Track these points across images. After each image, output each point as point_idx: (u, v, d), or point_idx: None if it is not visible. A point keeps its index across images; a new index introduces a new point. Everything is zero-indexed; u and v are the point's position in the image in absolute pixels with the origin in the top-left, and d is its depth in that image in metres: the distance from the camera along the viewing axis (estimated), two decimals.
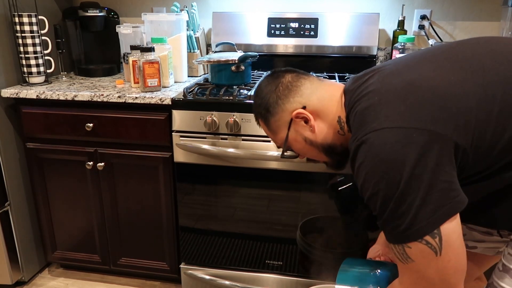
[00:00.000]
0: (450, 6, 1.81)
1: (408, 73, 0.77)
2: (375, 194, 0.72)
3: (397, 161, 0.69)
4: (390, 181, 0.69)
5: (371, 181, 0.72)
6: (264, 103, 0.94)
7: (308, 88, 0.91)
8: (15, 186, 1.69)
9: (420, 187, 0.68)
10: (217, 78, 1.53)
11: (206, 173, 1.51)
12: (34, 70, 1.64)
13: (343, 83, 0.95)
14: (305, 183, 1.45)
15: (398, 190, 0.69)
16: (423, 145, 0.68)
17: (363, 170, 0.73)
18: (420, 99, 0.72)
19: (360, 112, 0.77)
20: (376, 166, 0.71)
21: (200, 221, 1.59)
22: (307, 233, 1.52)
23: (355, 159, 0.75)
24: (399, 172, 0.68)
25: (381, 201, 0.71)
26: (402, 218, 0.69)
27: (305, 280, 1.56)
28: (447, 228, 0.68)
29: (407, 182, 0.68)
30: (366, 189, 0.73)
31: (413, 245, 0.70)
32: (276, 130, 0.95)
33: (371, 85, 0.80)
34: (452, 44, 0.84)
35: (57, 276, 1.88)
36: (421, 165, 0.68)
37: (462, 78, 0.74)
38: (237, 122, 1.41)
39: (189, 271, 1.66)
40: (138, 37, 1.79)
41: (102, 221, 1.71)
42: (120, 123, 1.54)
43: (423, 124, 0.69)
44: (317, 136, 0.91)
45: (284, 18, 1.85)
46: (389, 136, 0.70)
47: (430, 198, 0.68)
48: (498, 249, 1.03)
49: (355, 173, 0.76)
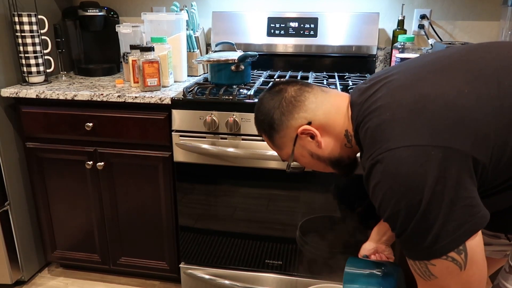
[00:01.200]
0: (450, 5, 1.81)
1: (419, 86, 0.75)
2: (395, 213, 0.70)
3: (417, 180, 0.67)
4: (410, 200, 0.68)
5: (390, 201, 0.70)
6: (267, 119, 0.91)
7: (313, 102, 0.88)
8: (14, 185, 1.69)
9: (442, 205, 0.66)
10: (217, 77, 1.53)
11: (205, 172, 1.51)
12: (34, 69, 1.64)
13: (348, 92, 0.93)
14: (305, 182, 1.45)
15: (419, 209, 0.67)
16: (441, 162, 0.67)
17: (380, 190, 0.72)
18: (435, 114, 0.70)
19: (373, 129, 0.75)
20: (395, 186, 0.69)
21: (199, 220, 1.59)
22: (307, 232, 1.52)
23: (370, 178, 0.74)
24: (419, 191, 0.67)
25: (401, 220, 0.70)
26: (425, 236, 0.68)
27: (304, 280, 1.56)
28: (472, 244, 0.68)
29: (429, 200, 0.67)
30: (385, 209, 0.72)
31: (437, 262, 0.69)
32: (281, 146, 0.93)
33: (380, 99, 0.77)
34: (461, 52, 0.81)
35: (57, 276, 1.88)
36: (442, 183, 0.66)
37: (477, 90, 0.71)
38: (237, 121, 1.41)
39: (189, 271, 1.66)
40: (137, 37, 1.79)
41: (102, 221, 1.71)
42: (120, 122, 1.54)
43: (440, 141, 0.68)
44: (324, 150, 0.89)
45: (284, 17, 1.85)
46: (407, 155, 0.69)
47: (452, 215, 0.67)
48: (506, 252, 1.03)
49: (371, 193, 0.75)
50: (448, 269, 0.69)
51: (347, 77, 1.73)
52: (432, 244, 0.68)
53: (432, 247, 0.68)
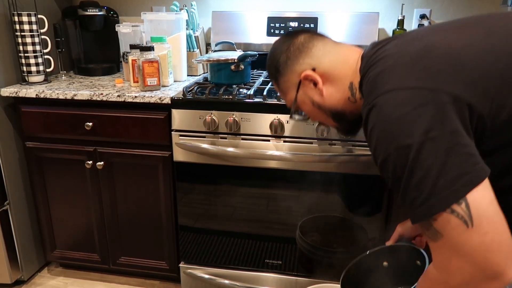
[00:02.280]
0: (450, 5, 1.81)
1: (429, 38, 0.73)
2: (386, 160, 0.66)
3: (409, 123, 0.63)
4: (400, 145, 0.64)
5: (382, 145, 0.67)
6: (274, 63, 0.93)
7: (320, 50, 0.88)
8: (14, 185, 1.69)
9: (437, 152, 0.61)
10: (217, 77, 1.53)
11: (205, 172, 1.51)
12: (34, 69, 1.64)
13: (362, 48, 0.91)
14: (305, 182, 1.45)
15: (410, 155, 0.63)
16: (438, 107, 0.63)
17: (374, 135, 0.68)
18: (437, 59, 0.67)
19: (374, 77, 0.73)
20: (388, 128, 0.66)
21: (199, 220, 1.59)
22: (307, 232, 1.52)
23: (367, 124, 0.71)
24: (410, 135, 0.63)
25: (392, 167, 0.65)
26: (419, 188, 0.63)
27: (304, 280, 1.56)
28: (476, 196, 0.61)
29: (421, 146, 0.62)
30: (378, 155, 0.68)
31: (439, 216, 0.62)
32: (285, 91, 0.94)
33: (388, 49, 0.75)
34: (482, 14, 0.79)
35: (57, 275, 1.88)
36: (437, 128, 0.62)
37: (486, 44, 0.69)
38: (237, 121, 1.41)
39: (189, 270, 1.66)
40: (137, 36, 1.79)
41: (102, 220, 1.71)
42: (120, 122, 1.54)
43: (438, 85, 0.64)
44: (325, 100, 0.88)
45: (284, 17, 1.85)
46: (401, 97, 0.65)
47: (450, 164, 0.61)
48: None
49: (368, 140, 0.71)
50: (451, 224, 0.62)
51: None
52: (428, 197, 0.62)
53: (429, 200, 0.62)
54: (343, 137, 1.35)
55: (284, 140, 1.41)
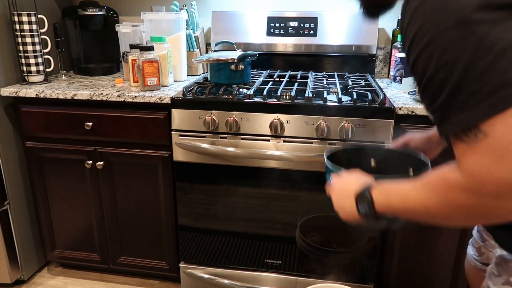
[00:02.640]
0: None
1: None
2: (433, 40, 0.53)
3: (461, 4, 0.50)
4: (462, 19, 0.50)
5: (432, 20, 0.53)
6: None
7: None
8: (14, 185, 1.69)
9: (492, 49, 0.48)
10: (217, 77, 1.53)
11: (205, 172, 1.51)
12: (34, 69, 1.64)
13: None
14: (305, 182, 1.45)
15: (476, 33, 0.49)
16: None
17: (422, 9, 0.55)
18: None
19: None
20: (437, 5, 0.53)
21: (199, 220, 1.59)
22: (307, 232, 1.52)
23: (408, 2, 0.58)
24: (478, 7, 0.49)
25: (440, 51, 0.52)
26: (484, 78, 0.50)
27: (304, 279, 1.56)
28: None
29: (493, 23, 0.49)
30: (424, 34, 0.54)
31: (506, 113, 0.49)
32: None
33: None
34: None
35: (56, 275, 1.88)
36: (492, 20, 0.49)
37: None
38: (237, 121, 1.41)
39: (188, 270, 1.66)
40: (137, 36, 1.79)
41: (101, 220, 1.71)
42: (120, 122, 1.54)
43: None
44: None
45: (284, 17, 1.85)
46: None
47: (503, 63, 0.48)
48: None
49: (409, 17, 0.58)
50: (508, 123, 0.49)
51: (347, 77, 1.73)
52: (497, 89, 0.49)
53: (497, 92, 0.49)
54: (343, 137, 1.36)
55: (284, 140, 1.41)
